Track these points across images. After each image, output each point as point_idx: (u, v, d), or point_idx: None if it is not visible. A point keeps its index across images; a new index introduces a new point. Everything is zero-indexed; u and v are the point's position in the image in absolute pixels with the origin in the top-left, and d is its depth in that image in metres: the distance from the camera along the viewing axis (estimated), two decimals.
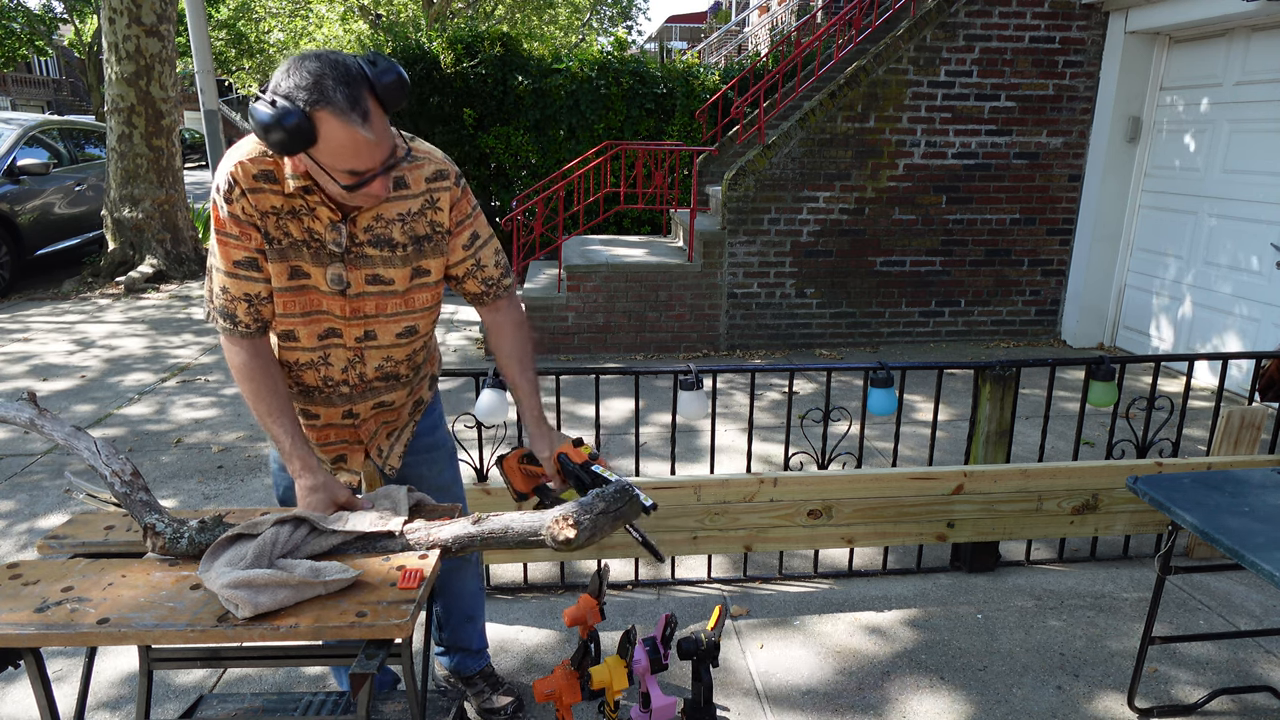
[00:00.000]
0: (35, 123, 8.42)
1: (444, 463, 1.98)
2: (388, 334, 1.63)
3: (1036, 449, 3.88)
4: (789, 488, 2.68)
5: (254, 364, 1.54)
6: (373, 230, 1.54)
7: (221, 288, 1.52)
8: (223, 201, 1.47)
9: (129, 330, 6.36)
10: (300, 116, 1.31)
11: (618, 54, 8.37)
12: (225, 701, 1.91)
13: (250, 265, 1.51)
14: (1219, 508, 1.94)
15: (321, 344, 1.61)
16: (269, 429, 1.56)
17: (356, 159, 1.37)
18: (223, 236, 1.49)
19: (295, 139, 1.32)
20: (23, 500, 3.49)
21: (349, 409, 1.70)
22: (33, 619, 1.30)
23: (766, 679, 2.39)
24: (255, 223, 1.48)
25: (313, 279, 1.53)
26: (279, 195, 1.47)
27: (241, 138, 1.57)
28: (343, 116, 1.33)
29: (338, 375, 1.64)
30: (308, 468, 1.54)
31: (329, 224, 1.50)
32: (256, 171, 1.46)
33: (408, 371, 1.74)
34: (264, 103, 1.33)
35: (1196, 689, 2.34)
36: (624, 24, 26.00)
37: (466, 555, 2.08)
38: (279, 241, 1.50)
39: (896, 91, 5.76)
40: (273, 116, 1.31)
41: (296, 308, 1.55)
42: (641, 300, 5.90)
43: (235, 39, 26.14)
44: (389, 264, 1.56)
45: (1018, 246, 6.20)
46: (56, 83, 34.96)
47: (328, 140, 1.34)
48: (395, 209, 1.55)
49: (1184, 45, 5.48)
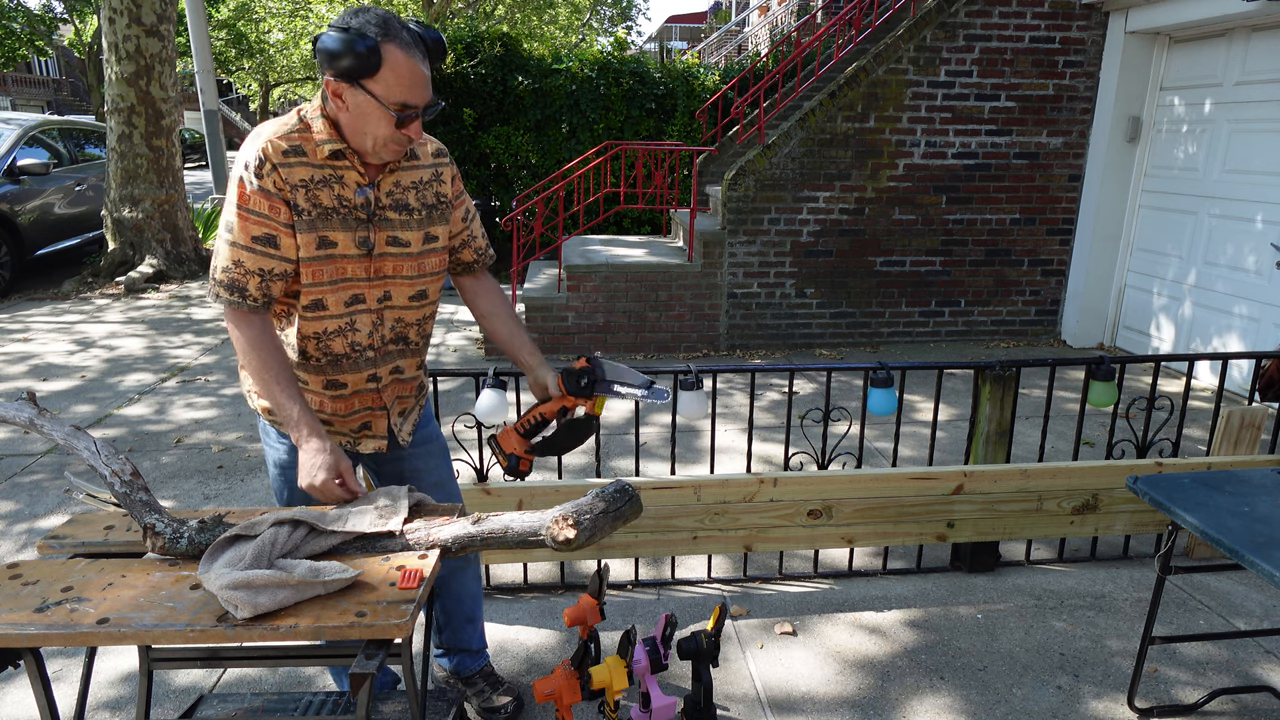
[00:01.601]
0: (35, 123, 8.42)
1: (439, 456, 2.03)
2: (402, 296, 1.76)
3: (1036, 449, 3.89)
4: (789, 488, 2.68)
5: (262, 337, 1.62)
6: (393, 195, 1.69)
7: (235, 261, 1.59)
8: (252, 177, 1.55)
9: (129, 330, 6.36)
10: (370, 45, 1.47)
11: (618, 54, 8.37)
12: (225, 701, 1.91)
13: (269, 242, 1.58)
14: (1219, 508, 1.94)
15: (348, 310, 1.71)
16: (276, 398, 1.62)
17: (411, 91, 1.53)
18: (245, 212, 1.57)
19: (363, 65, 1.48)
20: (23, 500, 3.49)
21: (373, 373, 1.79)
22: (32, 619, 1.30)
23: (766, 679, 2.39)
24: (285, 196, 1.57)
25: (340, 246, 1.65)
26: (308, 167, 1.59)
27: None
28: (407, 50, 1.51)
29: (364, 340, 1.74)
30: (315, 433, 1.60)
31: (356, 187, 1.64)
32: (286, 147, 1.57)
33: (417, 338, 1.84)
34: (333, 34, 1.48)
35: (1196, 689, 2.34)
36: (624, 24, 26.01)
37: (466, 557, 2.10)
38: (308, 213, 1.60)
39: (896, 91, 5.76)
40: (344, 43, 1.47)
41: (325, 276, 1.65)
42: (641, 300, 5.90)
43: (235, 39, 26.15)
44: (406, 227, 1.72)
45: (1018, 246, 6.20)
46: (56, 83, 34.96)
47: (391, 69, 1.50)
48: (410, 178, 1.72)
49: (1184, 45, 5.48)
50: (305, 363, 1.73)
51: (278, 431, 1.82)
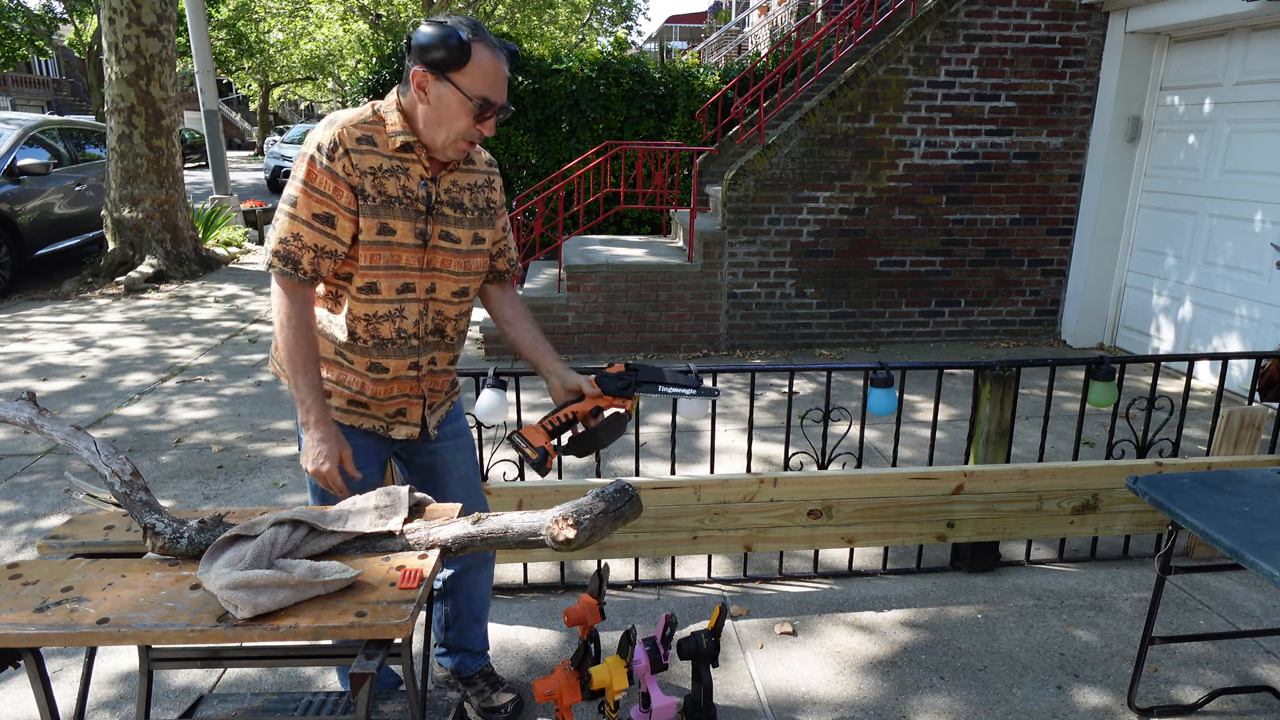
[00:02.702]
0: (35, 123, 8.42)
1: (468, 450, 2.09)
2: (446, 290, 1.85)
3: (1036, 449, 3.89)
4: (789, 488, 2.68)
5: (301, 315, 1.70)
6: (450, 193, 1.80)
7: (294, 234, 1.67)
8: (324, 158, 1.65)
9: (129, 330, 6.36)
10: (462, 40, 1.60)
11: (618, 54, 8.37)
12: (225, 701, 1.91)
13: (328, 221, 1.67)
14: (1219, 508, 1.94)
15: (399, 296, 1.78)
16: (295, 379, 1.70)
17: (492, 89, 1.65)
18: (310, 190, 1.66)
19: (452, 58, 1.60)
20: (23, 500, 3.49)
21: (415, 360, 1.86)
22: (32, 619, 1.30)
23: (766, 679, 2.39)
24: (352, 181, 1.66)
25: (398, 234, 1.73)
26: (378, 156, 1.69)
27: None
28: (493, 50, 1.64)
29: (410, 328, 1.82)
30: (322, 420, 1.69)
31: (419, 180, 1.74)
32: (360, 135, 1.67)
33: (453, 334, 1.92)
34: (427, 28, 1.60)
35: (1196, 689, 2.34)
36: (624, 24, 26.01)
37: (484, 557, 2.12)
38: (373, 199, 1.69)
39: (896, 91, 5.76)
40: (437, 37, 1.59)
41: (381, 261, 1.73)
42: (641, 300, 5.90)
43: (235, 39, 26.15)
44: (459, 224, 1.82)
45: (1018, 246, 6.20)
46: (56, 83, 34.96)
47: (476, 65, 1.62)
48: (466, 179, 1.84)
49: (1184, 45, 5.48)
50: (353, 344, 1.79)
51: None
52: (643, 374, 1.87)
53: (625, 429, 1.89)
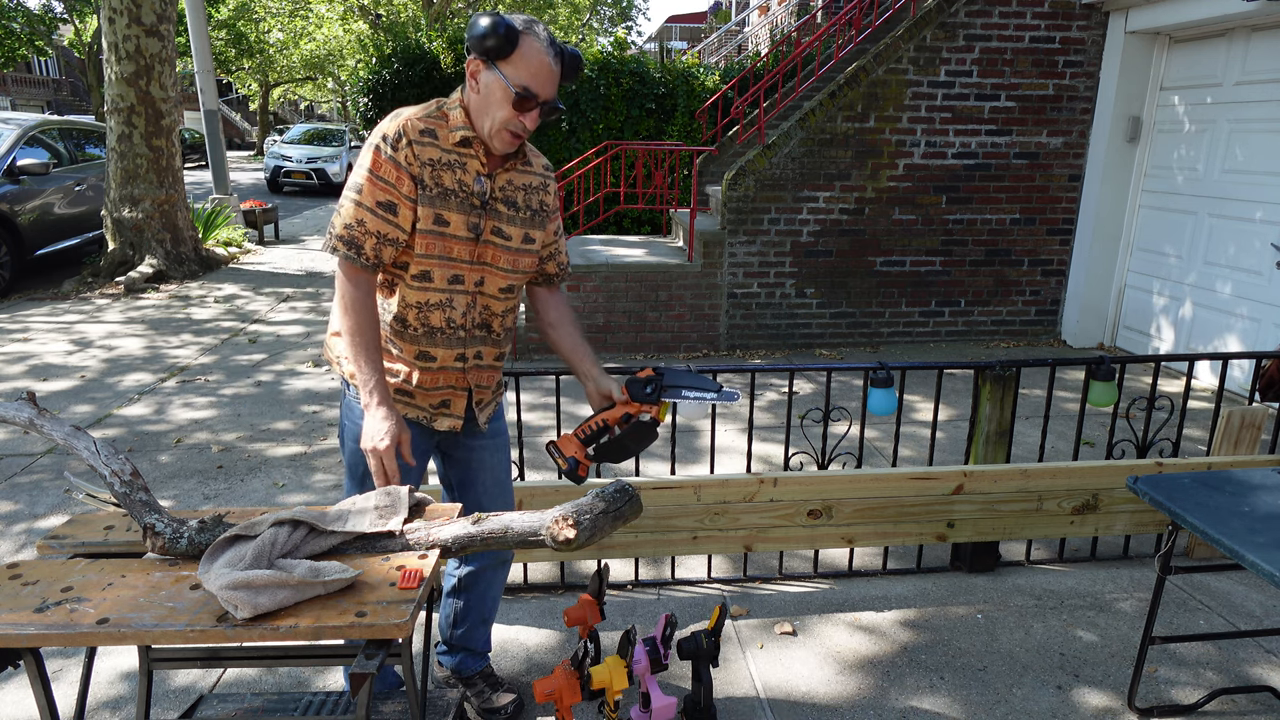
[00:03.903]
0: (35, 123, 8.42)
1: (505, 451, 2.11)
2: (494, 285, 1.89)
3: (1036, 449, 3.88)
4: (789, 488, 2.68)
5: (364, 301, 1.74)
6: (505, 191, 1.85)
7: (358, 220, 1.72)
8: (389, 148, 1.71)
9: (128, 330, 6.36)
10: (511, 28, 1.66)
11: (618, 54, 8.37)
12: (225, 701, 1.91)
13: (390, 209, 1.73)
14: (1219, 508, 1.94)
15: (450, 287, 1.83)
16: (359, 361, 1.73)
17: (535, 79, 1.69)
18: (375, 178, 1.72)
19: (500, 46, 1.66)
20: (23, 500, 3.49)
21: (461, 352, 1.90)
22: (32, 619, 1.30)
23: (766, 679, 2.39)
24: (413, 171, 1.73)
25: (452, 226, 1.79)
26: (438, 149, 1.75)
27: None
28: (543, 45, 1.70)
29: (459, 319, 1.86)
30: (385, 401, 1.72)
31: (475, 175, 1.79)
32: (423, 128, 1.74)
33: (499, 330, 1.95)
34: (484, 18, 1.66)
35: (1196, 689, 2.34)
36: (624, 24, 26.01)
37: (503, 557, 2.12)
38: (431, 189, 1.75)
39: (896, 91, 5.76)
40: (491, 25, 1.66)
41: (435, 250, 1.79)
42: (641, 300, 5.90)
43: (235, 39, 26.15)
44: (511, 222, 1.87)
45: (1018, 246, 6.20)
46: (56, 83, 34.95)
47: (523, 55, 1.68)
48: (522, 179, 1.88)
49: (1184, 45, 5.48)
50: (404, 330, 1.83)
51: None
52: (667, 378, 1.88)
53: (655, 435, 1.89)
